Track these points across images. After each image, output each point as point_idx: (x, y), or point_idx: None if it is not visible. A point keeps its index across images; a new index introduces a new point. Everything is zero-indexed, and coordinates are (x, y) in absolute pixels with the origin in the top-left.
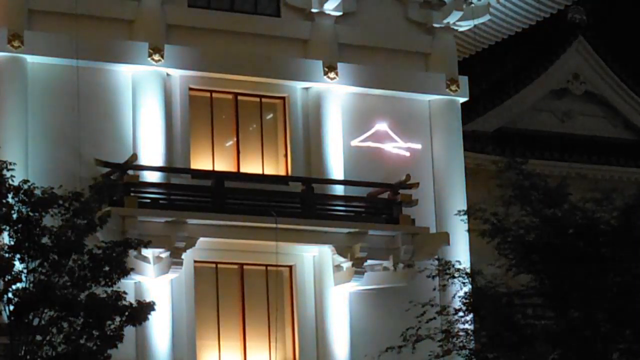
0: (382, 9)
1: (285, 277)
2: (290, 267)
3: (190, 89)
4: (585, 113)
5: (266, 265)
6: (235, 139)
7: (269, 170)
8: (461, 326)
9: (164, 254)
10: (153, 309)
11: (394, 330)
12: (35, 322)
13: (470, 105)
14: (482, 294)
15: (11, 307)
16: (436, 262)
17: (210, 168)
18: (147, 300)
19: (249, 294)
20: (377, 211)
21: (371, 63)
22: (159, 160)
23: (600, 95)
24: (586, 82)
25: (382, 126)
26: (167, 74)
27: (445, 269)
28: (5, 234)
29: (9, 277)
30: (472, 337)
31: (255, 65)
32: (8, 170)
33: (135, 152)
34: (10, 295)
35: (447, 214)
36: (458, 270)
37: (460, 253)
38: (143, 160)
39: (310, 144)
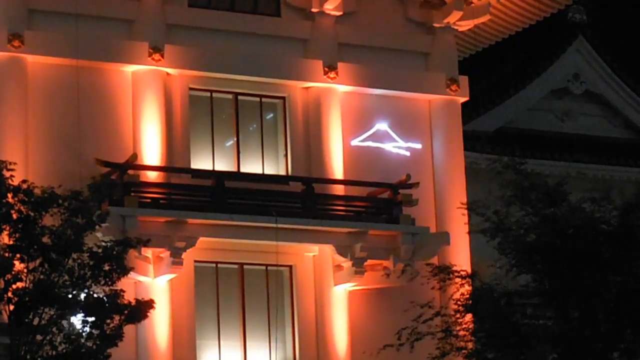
0: (382, 9)
1: (285, 277)
2: (290, 267)
3: (190, 88)
4: (585, 113)
5: (266, 265)
6: (235, 139)
7: (269, 170)
8: (461, 327)
9: (164, 254)
10: (152, 307)
11: (394, 330)
12: (35, 321)
13: (470, 105)
14: (482, 294)
15: (11, 307)
16: (435, 267)
17: (210, 168)
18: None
19: (249, 294)
20: (377, 211)
21: (371, 63)
22: (159, 160)
23: (600, 95)
24: (586, 82)
25: (382, 126)
26: (167, 74)
27: (444, 271)
28: (5, 234)
29: (9, 277)
30: (471, 337)
31: (255, 65)
32: (8, 170)
33: (135, 152)
34: (10, 294)
35: (447, 214)
36: (456, 272)
37: (461, 253)
38: (143, 160)
39: (310, 144)
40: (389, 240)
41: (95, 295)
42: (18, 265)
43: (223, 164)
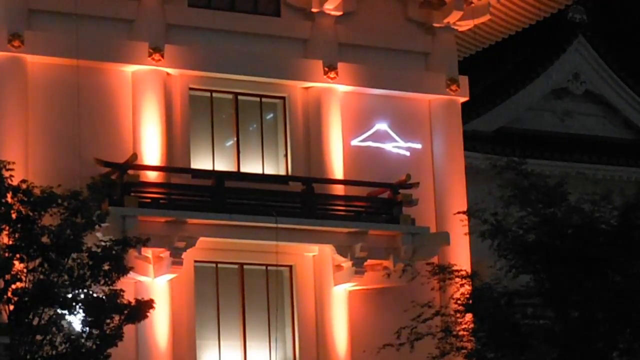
0: (382, 9)
1: (285, 277)
2: (290, 267)
3: (190, 88)
4: (585, 113)
5: (266, 265)
6: (235, 139)
7: (269, 170)
8: (460, 327)
9: (164, 254)
10: (152, 307)
11: (394, 330)
12: (35, 321)
13: (470, 105)
14: (482, 294)
15: (11, 307)
16: (435, 265)
17: (210, 168)
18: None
19: (249, 294)
20: (377, 211)
21: (371, 63)
22: (159, 160)
23: (600, 95)
24: (586, 82)
25: (382, 126)
26: (167, 74)
27: (444, 271)
28: (5, 234)
29: (9, 277)
30: (471, 337)
31: (255, 65)
32: (7, 170)
33: (135, 152)
34: (10, 294)
35: (447, 214)
36: (456, 271)
37: (461, 253)
38: (143, 160)
39: (310, 144)
40: (389, 240)
41: (95, 295)
42: (17, 265)
43: (223, 164)
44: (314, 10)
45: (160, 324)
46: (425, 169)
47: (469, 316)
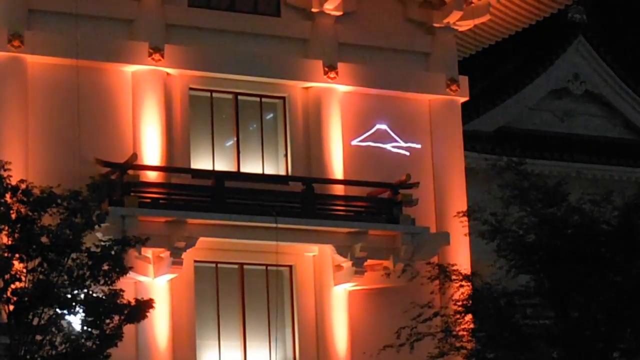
0: (382, 9)
1: (285, 277)
2: (290, 267)
3: (190, 88)
4: (585, 113)
5: (266, 265)
6: (235, 139)
7: (269, 170)
8: (460, 327)
9: (164, 254)
10: (152, 307)
11: (394, 330)
12: (35, 321)
13: (470, 105)
14: (482, 294)
15: (11, 307)
16: (434, 265)
17: (210, 168)
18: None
19: (249, 294)
20: (377, 211)
21: (371, 63)
22: (159, 160)
23: (600, 95)
24: (586, 82)
25: (382, 126)
26: (167, 74)
27: (444, 272)
28: (4, 234)
29: (8, 277)
30: (471, 337)
31: (255, 65)
32: (5, 170)
33: (135, 152)
34: (9, 294)
35: (447, 214)
36: (456, 272)
37: (461, 253)
38: (143, 160)
39: (310, 144)
40: (389, 240)
41: (94, 295)
42: (17, 265)
43: (223, 164)
44: (314, 10)
45: (160, 324)
46: (425, 169)
47: (469, 316)
